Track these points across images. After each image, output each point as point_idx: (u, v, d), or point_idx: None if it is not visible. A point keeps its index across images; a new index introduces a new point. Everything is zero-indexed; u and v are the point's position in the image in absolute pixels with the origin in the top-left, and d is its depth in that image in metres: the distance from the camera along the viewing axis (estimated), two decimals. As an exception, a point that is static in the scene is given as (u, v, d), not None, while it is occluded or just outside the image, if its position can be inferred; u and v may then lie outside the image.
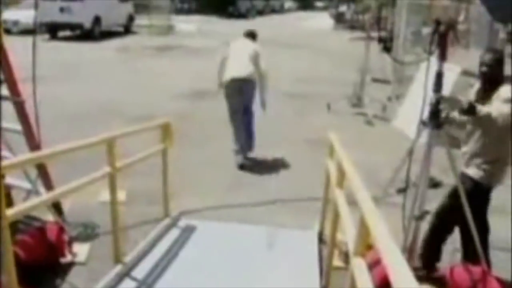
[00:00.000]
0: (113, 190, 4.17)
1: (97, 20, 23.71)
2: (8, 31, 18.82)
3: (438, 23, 3.56)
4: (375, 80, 13.32)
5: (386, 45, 18.31)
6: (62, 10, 22.42)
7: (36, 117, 4.43)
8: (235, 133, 7.62)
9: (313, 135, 8.72)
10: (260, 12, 53.57)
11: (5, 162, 3.06)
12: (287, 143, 8.69)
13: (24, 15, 22.22)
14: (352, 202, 3.28)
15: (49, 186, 4.44)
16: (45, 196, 3.75)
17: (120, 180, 4.28)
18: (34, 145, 4.39)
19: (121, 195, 5.21)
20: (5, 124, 4.19)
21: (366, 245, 2.41)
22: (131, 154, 4.71)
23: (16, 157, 3.52)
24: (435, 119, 3.70)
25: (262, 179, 7.10)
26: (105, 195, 4.61)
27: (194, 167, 7.30)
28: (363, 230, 2.25)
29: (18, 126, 4.45)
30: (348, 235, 2.76)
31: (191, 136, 8.48)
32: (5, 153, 4.22)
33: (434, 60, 3.78)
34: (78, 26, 23.33)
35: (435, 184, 6.16)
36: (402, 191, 4.40)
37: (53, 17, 21.78)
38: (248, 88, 7.43)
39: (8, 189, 3.86)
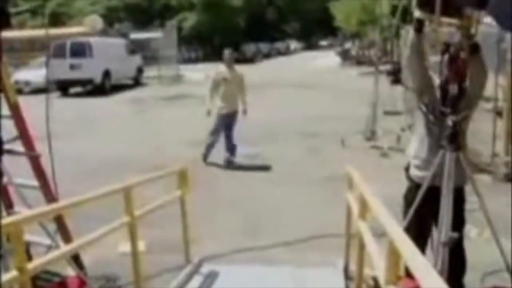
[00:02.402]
0: (133, 239, 4.12)
1: (107, 74, 24.12)
2: (20, 91, 19.11)
3: (447, 45, 3.54)
4: (387, 113, 13.30)
5: (396, 77, 18.37)
6: (72, 67, 22.85)
7: (53, 171, 4.43)
8: None
9: (330, 172, 8.66)
10: (267, 55, 54.20)
11: (22, 216, 3.04)
12: (304, 181, 8.63)
13: (34, 75, 22.66)
14: (376, 234, 3.22)
15: (67, 239, 4.40)
16: (64, 249, 3.70)
17: (139, 229, 4.23)
18: (51, 199, 4.37)
19: (141, 245, 5.14)
20: (21, 180, 4.18)
21: (397, 275, 2.33)
22: (147, 203, 4.68)
23: (34, 210, 3.49)
24: (454, 141, 3.63)
25: (281, 218, 7.01)
26: (124, 246, 4.56)
27: (210, 211, 7.23)
28: (394, 258, 2.18)
29: (34, 182, 4.44)
30: (377, 265, 2.68)
31: (204, 181, 8.44)
32: (22, 209, 4.20)
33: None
34: (89, 82, 23.72)
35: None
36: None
37: (63, 75, 22.12)
38: None
39: (27, 245, 3.82)
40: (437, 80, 4.01)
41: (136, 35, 37.16)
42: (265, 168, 9.84)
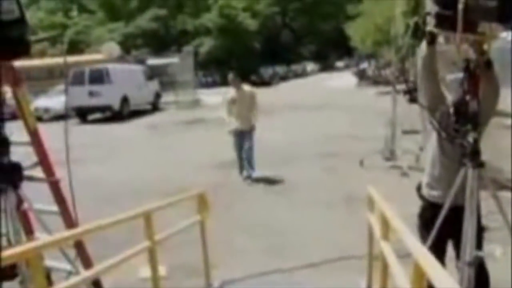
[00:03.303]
0: (153, 264, 4.10)
1: (125, 100, 24.36)
2: (39, 119, 19.36)
3: (468, 61, 3.51)
4: (405, 132, 13.20)
5: (412, 95, 18.27)
6: (91, 94, 23.11)
7: (72, 196, 4.44)
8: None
9: (349, 192, 8.61)
10: (283, 78, 54.40)
11: (43, 241, 3.03)
12: (324, 202, 8.56)
13: (54, 102, 23.00)
14: (398, 256, 3.16)
15: (88, 264, 4.39)
16: (84, 274, 3.68)
17: (158, 253, 4.21)
18: (71, 224, 4.37)
19: (162, 270, 5.11)
20: (41, 206, 4.19)
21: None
22: (168, 227, 4.67)
23: (53, 236, 3.49)
24: (475, 158, 3.58)
25: (301, 240, 6.94)
26: (145, 271, 4.53)
27: (230, 234, 7.19)
28: (419, 279, 2.13)
29: (54, 207, 4.45)
30: (400, 284, 2.63)
31: (225, 204, 8.41)
32: (43, 235, 4.21)
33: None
34: (107, 108, 23.97)
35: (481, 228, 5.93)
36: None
37: (82, 101, 22.43)
38: None
39: (47, 271, 3.81)
40: (449, 97, 3.97)
41: (153, 61, 37.54)
42: (278, 181, 10.26)
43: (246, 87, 11.01)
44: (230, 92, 10.91)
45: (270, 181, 10.40)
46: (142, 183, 10.61)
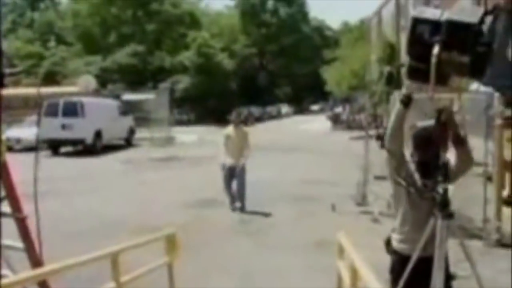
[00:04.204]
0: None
1: (98, 134, 24.18)
2: (10, 149, 19.08)
3: (440, 112, 3.57)
4: (378, 178, 13.27)
5: (384, 141, 18.47)
6: (63, 127, 22.90)
7: (38, 233, 4.34)
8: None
9: (319, 236, 8.60)
10: (258, 119, 54.65)
11: (5, 281, 2.95)
12: (295, 246, 8.53)
13: (26, 133, 22.66)
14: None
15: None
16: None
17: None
18: (36, 262, 4.26)
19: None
20: (6, 242, 4.09)
21: None
22: (137, 266, 4.58)
23: (17, 275, 3.40)
24: (445, 209, 3.61)
25: (272, 283, 6.87)
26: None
27: (200, 275, 7.09)
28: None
29: (19, 244, 4.34)
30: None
31: (195, 244, 8.32)
32: (5, 271, 4.09)
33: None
34: (80, 142, 23.72)
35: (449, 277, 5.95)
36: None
37: (55, 134, 22.19)
38: None
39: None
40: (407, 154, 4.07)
41: (129, 96, 37.43)
42: (251, 223, 10.37)
43: (243, 126, 12.18)
44: (228, 129, 11.70)
45: (243, 222, 10.38)
46: (113, 219, 10.46)
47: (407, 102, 3.86)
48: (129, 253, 4.29)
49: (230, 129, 11.61)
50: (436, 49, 3.26)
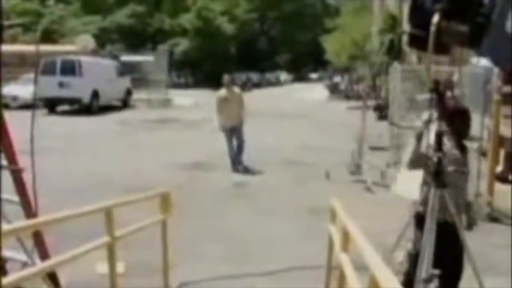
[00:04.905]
0: (111, 260, 4.06)
1: (95, 94, 24.07)
2: (7, 106, 19.01)
3: (437, 83, 3.59)
4: (373, 148, 13.36)
5: (382, 113, 18.50)
6: (61, 85, 22.80)
7: (34, 187, 4.38)
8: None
9: (312, 203, 8.67)
10: (257, 85, 54.46)
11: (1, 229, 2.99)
12: (289, 211, 8.61)
13: (22, 90, 22.58)
14: (357, 268, 3.21)
15: (45, 256, 4.33)
16: (40, 266, 3.64)
17: (118, 251, 4.18)
18: (31, 214, 4.31)
19: (120, 267, 5.07)
20: (3, 195, 4.13)
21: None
22: (130, 225, 4.63)
23: (12, 225, 3.44)
24: (438, 178, 3.66)
25: (264, 247, 6.96)
26: (103, 267, 4.49)
27: (192, 237, 7.16)
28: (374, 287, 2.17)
29: (15, 197, 4.38)
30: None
31: (188, 206, 8.38)
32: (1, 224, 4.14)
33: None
34: (77, 101, 23.65)
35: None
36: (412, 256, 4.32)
37: (52, 92, 22.09)
38: None
39: (2, 261, 3.75)
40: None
41: (127, 58, 37.23)
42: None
43: (235, 88, 12.56)
44: (219, 92, 12.15)
45: (237, 186, 10.46)
46: (107, 179, 10.52)
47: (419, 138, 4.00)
48: (123, 210, 4.33)
49: (222, 92, 12.01)
50: (436, 18, 3.27)
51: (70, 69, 23.20)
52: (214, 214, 8.43)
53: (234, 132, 11.83)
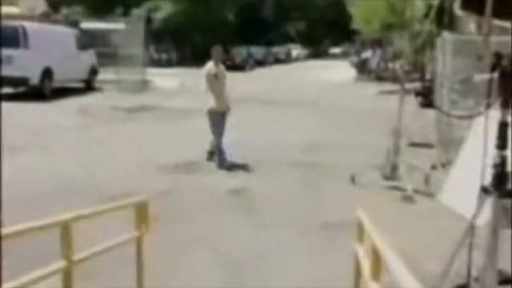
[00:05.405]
0: (68, 290, 4.04)
1: (47, 73, 23.83)
2: None
3: (499, 57, 3.57)
4: (413, 145, 13.35)
5: (427, 98, 18.44)
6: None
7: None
8: None
9: (333, 216, 8.66)
10: (261, 62, 54.50)
11: None
12: (298, 227, 8.58)
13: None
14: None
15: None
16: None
17: (76, 279, 4.16)
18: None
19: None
20: None
21: None
22: (95, 244, 4.63)
23: None
24: (502, 185, 3.64)
25: (264, 273, 6.95)
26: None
27: (177, 257, 7.16)
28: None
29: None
30: None
31: (172, 217, 8.38)
32: None
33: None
34: (22, 81, 23.16)
35: (505, 280, 5.97)
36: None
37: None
38: None
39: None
40: None
41: (90, 25, 37.14)
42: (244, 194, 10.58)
43: (221, 65, 12.85)
44: (207, 66, 12.41)
45: (235, 193, 10.44)
46: (66, 184, 10.47)
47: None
48: (87, 225, 4.32)
49: (211, 67, 12.38)
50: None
51: (11, 38, 22.50)
52: (204, 230, 8.41)
53: (224, 119, 12.23)
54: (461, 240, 4.05)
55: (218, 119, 12.16)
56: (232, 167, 12.04)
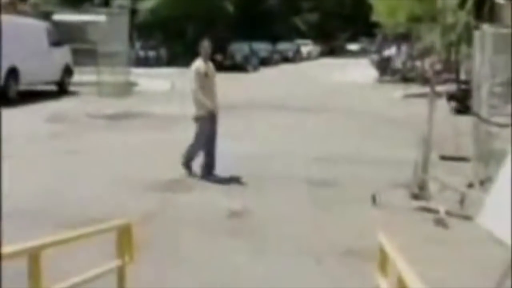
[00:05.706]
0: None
1: (13, 73, 23.81)
2: None
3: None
4: (446, 158, 13.34)
5: (462, 103, 18.45)
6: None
7: None
8: None
9: (350, 243, 8.66)
10: (265, 61, 54.53)
11: None
12: (308, 255, 8.57)
13: None
14: None
15: None
16: None
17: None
18: None
19: None
20: None
21: None
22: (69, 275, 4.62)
23: None
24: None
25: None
26: None
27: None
28: None
29: None
30: None
31: (156, 247, 8.37)
32: None
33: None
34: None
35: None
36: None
37: None
38: None
39: None
40: None
41: (65, 17, 37.22)
42: (245, 216, 10.48)
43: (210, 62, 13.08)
44: (197, 63, 12.60)
45: (233, 216, 10.41)
46: (33, 206, 10.47)
47: None
48: (61, 253, 4.30)
49: (201, 65, 12.61)
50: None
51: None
52: (196, 261, 8.40)
53: (215, 124, 12.57)
54: (505, 270, 4.03)
55: (208, 125, 12.44)
56: (228, 183, 12.15)
